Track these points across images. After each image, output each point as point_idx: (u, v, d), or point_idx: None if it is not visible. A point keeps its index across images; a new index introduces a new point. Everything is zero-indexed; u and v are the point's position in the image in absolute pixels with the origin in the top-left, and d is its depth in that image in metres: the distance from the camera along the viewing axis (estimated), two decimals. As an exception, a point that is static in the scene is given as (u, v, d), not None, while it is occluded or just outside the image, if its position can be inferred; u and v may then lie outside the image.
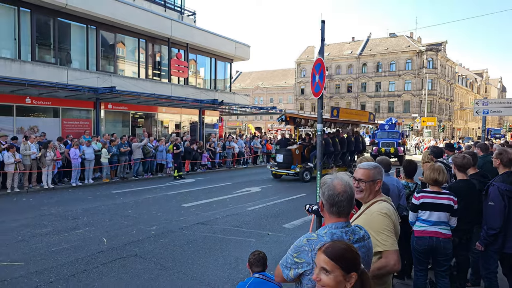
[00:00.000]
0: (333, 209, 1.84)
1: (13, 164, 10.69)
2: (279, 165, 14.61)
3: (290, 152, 14.48)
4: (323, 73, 3.86)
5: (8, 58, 14.79)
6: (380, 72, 55.55)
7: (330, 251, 1.46)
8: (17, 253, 5.73)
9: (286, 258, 1.88)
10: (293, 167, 14.10)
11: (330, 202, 1.84)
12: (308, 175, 14.13)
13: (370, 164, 2.59)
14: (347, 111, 16.97)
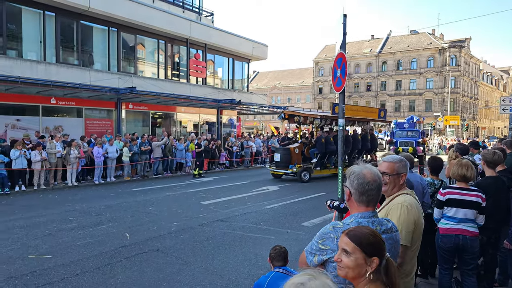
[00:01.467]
0: (363, 198, 1.83)
1: (40, 162, 11.08)
2: (277, 165, 14.17)
3: (289, 151, 13.97)
4: (344, 68, 3.83)
5: (34, 60, 15.35)
6: (401, 70, 54.39)
7: (353, 234, 1.47)
8: (45, 246, 5.94)
9: (311, 245, 1.89)
10: (291, 167, 13.58)
11: (360, 191, 1.83)
12: (306, 175, 13.60)
13: (395, 157, 2.56)
14: (352, 108, 16.08)
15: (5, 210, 8.53)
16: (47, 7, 15.65)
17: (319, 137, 14.12)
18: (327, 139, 14.03)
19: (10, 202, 9.44)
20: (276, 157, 14.39)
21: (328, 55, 59.67)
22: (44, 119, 14.96)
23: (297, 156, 14.01)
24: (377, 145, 17.49)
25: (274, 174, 14.45)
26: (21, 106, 14.49)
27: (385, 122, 18.27)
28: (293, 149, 14.04)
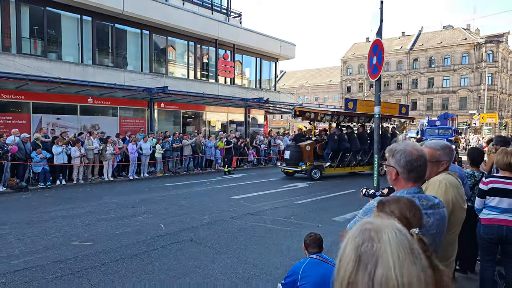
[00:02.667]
0: (412, 175, 1.81)
1: (79, 157, 11.66)
2: (286, 162, 13.75)
3: (299, 149, 13.48)
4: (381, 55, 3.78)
5: (72, 62, 16.17)
6: (433, 68, 52.42)
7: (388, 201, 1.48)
8: (85, 234, 6.26)
9: (354, 221, 1.90)
10: (300, 164, 13.11)
11: (409, 168, 1.81)
12: (317, 173, 13.08)
13: (438, 143, 2.49)
14: (367, 103, 15.12)
15: (48, 202, 9.06)
16: (84, 11, 16.44)
17: (332, 133, 13.61)
18: (341, 136, 13.47)
19: (52, 195, 10.00)
20: (286, 154, 13.94)
21: (356, 53, 58.57)
22: (82, 118, 15.71)
23: (309, 154, 13.48)
24: None
25: (285, 172, 14.03)
26: (61, 105, 15.29)
27: (407, 119, 17.17)
28: (304, 147, 13.59)
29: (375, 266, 0.73)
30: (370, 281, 0.72)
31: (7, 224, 6.79)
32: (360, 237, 0.79)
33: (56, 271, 4.65)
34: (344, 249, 0.81)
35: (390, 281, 0.72)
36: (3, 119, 13.49)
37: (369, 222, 0.82)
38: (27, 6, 15.23)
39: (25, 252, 5.30)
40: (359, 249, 0.77)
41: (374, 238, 0.77)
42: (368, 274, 0.73)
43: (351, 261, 0.76)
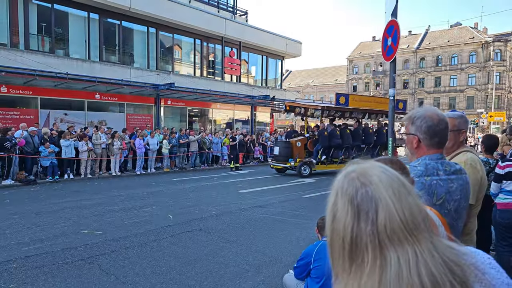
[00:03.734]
0: (434, 140, 1.76)
1: (86, 152, 11.71)
2: (276, 158, 13.56)
3: (289, 145, 13.28)
4: (396, 35, 3.73)
5: (79, 59, 16.25)
6: (440, 66, 51.99)
7: None
8: (94, 224, 6.26)
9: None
10: (290, 160, 12.90)
11: (431, 134, 1.75)
12: (306, 169, 12.75)
13: (454, 113, 2.47)
14: (360, 98, 14.83)
15: (56, 194, 9.09)
16: (91, 8, 16.51)
17: (322, 129, 13.28)
18: (332, 132, 13.14)
19: (60, 188, 10.04)
20: (275, 150, 13.74)
21: (362, 52, 58.30)
22: (89, 114, 15.79)
23: (299, 150, 13.24)
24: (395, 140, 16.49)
25: (275, 168, 13.77)
26: (68, 101, 15.37)
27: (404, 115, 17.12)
28: (295, 143, 13.33)
29: (376, 210, 0.69)
30: (374, 227, 0.68)
31: (16, 214, 6.82)
32: (351, 187, 0.72)
33: (67, 257, 4.64)
34: (334, 206, 0.74)
35: (394, 220, 0.68)
36: (12, 114, 13.59)
37: (351, 171, 0.76)
38: (35, 3, 15.33)
39: (35, 240, 5.31)
40: (354, 200, 0.71)
41: (365, 182, 0.72)
42: (370, 221, 0.68)
43: (349, 214, 0.70)
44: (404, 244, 0.68)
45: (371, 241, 0.68)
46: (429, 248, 0.69)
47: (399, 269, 0.66)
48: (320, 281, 3.09)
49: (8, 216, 6.69)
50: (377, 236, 0.68)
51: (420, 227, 0.70)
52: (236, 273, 4.26)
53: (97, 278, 4.02)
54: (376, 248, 0.67)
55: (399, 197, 0.70)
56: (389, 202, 0.69)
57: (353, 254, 0.69)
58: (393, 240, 0.68)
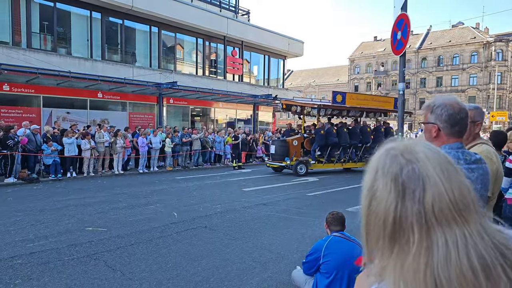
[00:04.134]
0: (455, 129, 1.72)
1: (89, 150, 11.68)
2: (272, 157, 13.36)
3: (285, 143, 13.11)
4: (406, 29, 3.70)
5: (81, 58, 16.23)
6: (442, 66, 51.90)
7: None
8: (99, 221, 6.23)
9: None
10: (286, 159, 12.70)
11: (452, 122, 1.72)
12: (303, 168, 12.57)
13: (470, 104, 2.44)
14: (357, 97, 14.51)
15: (60, 192, 9.07)
16: (94, 7, 16.50)
17: (319, 128, 13.15)
18: (329, 131, 12.98)
19: (63, 186, 10.01)
20: (271, 149, 13.55)
21: (364, 52, 58.24)
22: (92, 112, 15.77)
23: (296, 149, 13.06)
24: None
25: (271, 167, 13.58)
26: (71, 99, 15.36)
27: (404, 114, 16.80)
28: (291, 141, 13.16)
29: (424, 189, 0.65)
30: (421, 206, 0.64)
31: (20, 212, 6.79)
32: (394, 164, 0.68)
33: (72, 253, 4.61)
34: (372, 186, 0.70)
35: (442, 199, 0.64)
36: (14, 113, 13.58)
37: (392, 148, 0.71)
38: (37, 2, 15.32)
39: (40, 237, 5.28)
40: (399, 178, 0.66)
41: (411, 159, 0.67)
42: (417, 201, 0.64)
43: (392, 193, 0.66)
44: (452, 225, 0.64)
45: (418, 221, 0.64)
46: (478, 230, 0.65)
47: (447, 251, 0.62)
48: (330, 276, 3.06)
49: (11, 213, 6.66)
50: (424, 216, 0.64)
51: (469, 208, 0.66)
52: (243, 270, 4.22)
53: (103, 274, 3.98)
54: (423, 229, 0.64)
55: (447, 176, 0.66)
56: (437, 180, 0.65)
57: (396, 235, 0.66)
58: (441, 220, 0.64)
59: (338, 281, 3.03)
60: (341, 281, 3.02)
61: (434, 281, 0.61)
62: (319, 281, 3.16)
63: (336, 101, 13.10)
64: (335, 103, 13.15)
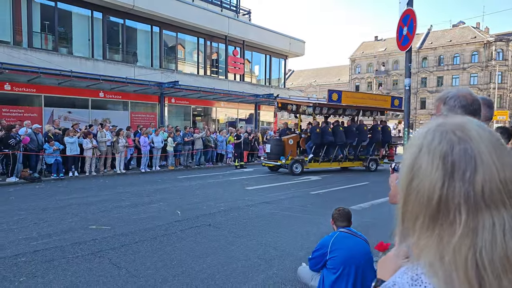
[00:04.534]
0: None
1: (91, 149, 11.66)
2: (268, 156, 13.24)
3: (281, 142, 12.97)
4: (412, 24, 3.67)
5: (83, 57, 16.21)
6: (442, 66, 51.87)
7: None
8: (103, 219, 6.20)
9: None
10: (281, 158, 12.54)
11: (465, 114, 1.70)
12: (298, 167, 12.46)
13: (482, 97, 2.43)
14: (353, 95, 14.18)
15: (62, 191, 9.04)
16: (95, 6, 16.48)
17: (314, 126, 12.97)
18: (324, 129, 12.83)
19: (66, 185, 9.99)
20: (267, 148, 13.39)
21: (365, 52, 58.21)
22: (93, 112, 15.75)
23: (291, 148, 12.93)
24: (390, 138, 15.11)
25: (267, 166, 13.43)
26: (72, 99, 15.34)
27: (401, 112, 15.63)
28: (287, 140, 13.02)
29: (475, 170, 0.62)
30: (470, 187, 0.61)
31: (23, 210, 6.77)
32: (444, 141, 0.65)
33: (76, 251, 4.59)
34: (415, 163, 0.67)
35: (493, 181, 0.61)
36: (15, 112, 13.57)
37: (441, 124, 0.68)
38: (38, 2, 15.30)
39: (43, 235, 5.25)
40: (449, 156, 0.63)
41: (463, 137, 0.64)
42: (467, 181, 0.61)
43: (440, 172, 0.63)
44: (500, 208, 0.61)
45: (465, 202, 0.62)
46: None
47: (493, 234, 0.60)
48: (336, 272, 3.03)
49: (14, 212, 6.63)
50: (472, 197, 0.61)
51: None
52: (248, 267, 4.20)
53: (108, 272, 3.96)
54: (470, 210, 0.61)
55: (500, 156, 0.63)
56: (489, 161, 0.62)
57: (440, 215, 0.63)
58: (489, 202, 0.61)
59: (345, 277, 3.00)
60: (348, 276, 3.00)
61: (475, 262, 0.59)
62: (326, 277, 3.13)
63: (332, 100, 12.96)
64: (330, 101, 12.95)
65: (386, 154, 15.12)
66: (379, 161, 14.61)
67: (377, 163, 14.42)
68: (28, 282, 3.66)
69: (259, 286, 3.73)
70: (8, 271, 3.92)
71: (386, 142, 14.79)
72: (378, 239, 5.58)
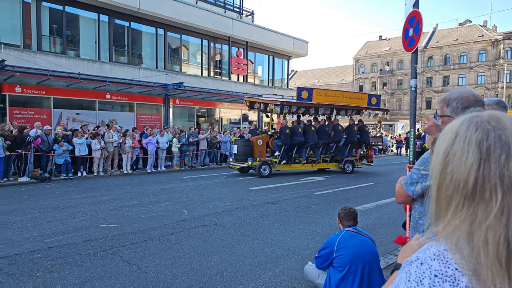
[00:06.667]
0: None
1: (99, 150, 11.88)
2: (235, 158, 12.68)
3: (249, 143, 12.47)
4: (418, 26, 3.78)
5: (90, 59, 16.47)
6: (448, 65, 51.58)
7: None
8: (112, 218, 6.38)
9: (409, 176, 1.88)
10: (249, 160, 12.06)
11: None
12: (266, 169, 11.95)
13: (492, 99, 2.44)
14: (326, 93, 13.19)
15: (72, 190, 9.25)
16: (101, 10, 16.74)
17: (284, 127, 12.32)
18: (294, 130, 12.21)
19: (75, 185, 10.21)
20: (233, 148, 12.82)
21: (369, 52, 58.08)
22: (100, 113, 16.01)
23: (260, 149, 12.38)
24: (368, 139, 14.37)
25: (236, 168, 12.89)
26: (80, 101, 15.60)
27: (379, 111, 14.52)
28: (256, 141, 12.49)
29: (509, 153, 0.69)
30: (505, 168, 0.68)
31: (35, 209, 6.97)
32: (479, 129, 0.71)
33: (88, 248, 4.76)
34: (450, 149, 0.74)
35: None
36: (26, 114, 13.84)
37: (476, 116, 0.74)
38: (47, 6, 15.58)
39: (56, 232, 5.43)
40: (484, 142, 0.70)
41: (497, 126, 0.71)
42: (503, 163, 0.68)
43: (475, 156, 0.69)
44: None
45: (501, 182, 0.67)
46: None
47: None
48: (343, 270, 3.10)
49: (28, 210, 6.84)
50: (508, 178, 0.68)
51: None
52: (255, 264, 4.33)
53: (120, 268, 4.12)
54: (505, 190, 0.68)
55: None
56: None
57: (476, 195, 0.69)
58: None
59: (351, 275, 3.07)
60: (354, 275, 3.05)
61: (508, 240, 0.66)
62: (332, 275, 3.21)
63: (301, 98, 12.20)
64: (300, 99, 12.21)
65: (364, 155, 14.47)
66: (356, 162, 13.92)
67: (353, 164, 13.69)
68: (45, 277, 3.83)
69: (266, 283, 3.86)
70: (25, 267, 4.10)
71: (364, 143, 14.07)
72: (383, 239, 5.71)
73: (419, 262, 0.74)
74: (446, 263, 0.71)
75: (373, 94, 14.58)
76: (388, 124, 51.48)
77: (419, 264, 0.74)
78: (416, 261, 0.74)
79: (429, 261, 0.73)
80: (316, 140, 12.72)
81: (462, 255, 0.69)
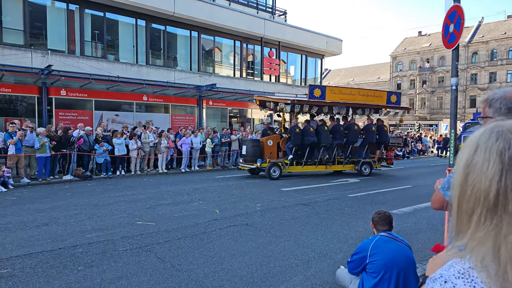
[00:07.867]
0: None
1: (136, 150, 12.36)
2: (244, 158, 12.21)
3: (258, 143, 12.07)
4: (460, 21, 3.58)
5: (128, 63, 17.17)
6: (495, 61, 48.41)
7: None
8: (147, 216, 6.61)
9: (447, 180, 1.81)
10: (258, 161, 11.62)
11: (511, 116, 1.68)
12: (276, 171, 11.45)
13: None
14: (340, 90, 12.50)
15: (111, 188, 9.70)
16: (139, 15, 17.40)
17: (294, 126, 11.80)
18: (305, 129, 11.64)
19: (114, 183, 10.69)
20: (243, 149, 12.38)
21: (407, 48, 55.90)
22: (137, 115, 16.65)
23: (271, 149, 11.93)
24: (387, 139, 13.51)
25: (247, 169, 12.44)
26: (119, 102, 16.31)
27: (400, 109, 13.56)
28: (266, 141, 12.04)
29: None
30: None
31: (77, 206, 7.38)
32: (500, 139, 0.70)
33: (125, 245, 4.95)
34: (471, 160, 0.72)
35: None
36: (70, 115, 14.70)
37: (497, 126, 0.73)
38: (89, 13, 16.44)
39: (96, 229, 5.71)
40: (506, 152, 0.68)
41: None
42: None
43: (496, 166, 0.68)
44: None
45: None
46: None
47: None
48: (377, 276, 3.00)
49: (71, 207, 7.25)
50: None
51: None
52: (286, 266, 4.30)
53: (154, 265, 4.25)
54: None
55: None
56: None
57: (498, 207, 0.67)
58: None
59: (386, 281, 2.96)
60: (389, 281, 2.94)
61: None
62: (366, 281, 3.12)
63: (313, 96, 11.60)
64: (312, 98, 11.61)
65: (384, 157, 13.73)
66: (374, 164, 13.18)
67: (371, 166, 12.90)
68: (85, 271, 4.04)
69: (297, 286, 3.82)
70: (68, 261, 4.34)
71: (383, 144, 13.22)
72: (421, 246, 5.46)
73: (443, 280, 0.72)
74: (471, 281, 0.68)
75: (392, 92, 13.76)
76: (428, 124, 49.21)
77: (443, 282, 0.72)
78: (440, 279, 0.72)
79: (453, 279, 0.70)
80: (330, 140, 12.10)
81: (488, 274, 0.66)
